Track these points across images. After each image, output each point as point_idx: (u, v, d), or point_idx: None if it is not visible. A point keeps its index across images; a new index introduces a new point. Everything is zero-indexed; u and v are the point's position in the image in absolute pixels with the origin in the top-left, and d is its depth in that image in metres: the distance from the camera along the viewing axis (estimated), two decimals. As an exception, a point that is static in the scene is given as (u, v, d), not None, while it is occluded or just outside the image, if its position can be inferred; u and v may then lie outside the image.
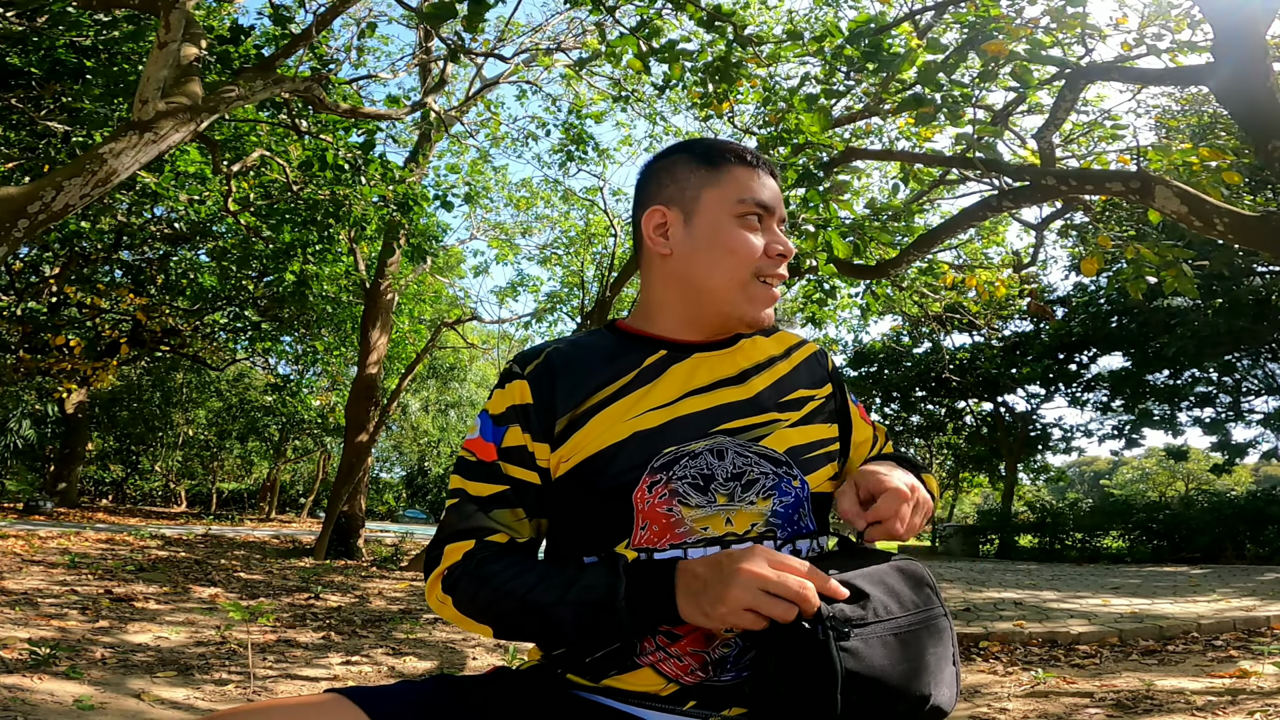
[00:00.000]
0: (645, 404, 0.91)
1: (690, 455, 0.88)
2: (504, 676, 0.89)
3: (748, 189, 0.96)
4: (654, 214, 0.98)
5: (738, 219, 0.95)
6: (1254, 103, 3.22)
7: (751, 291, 0.94)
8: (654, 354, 0.96)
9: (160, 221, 11.46)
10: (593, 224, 14.14)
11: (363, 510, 11.65)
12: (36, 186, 4.13)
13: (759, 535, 0.87)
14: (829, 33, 4.78)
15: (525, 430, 0.92)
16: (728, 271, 0.94)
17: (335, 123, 7.54)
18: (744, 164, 0.97)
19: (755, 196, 0.95)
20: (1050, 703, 3.18)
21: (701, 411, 0.91)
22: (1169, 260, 4.22)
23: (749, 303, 0.94)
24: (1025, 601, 6.64)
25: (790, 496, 0.90)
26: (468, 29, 3.84)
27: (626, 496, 0.87)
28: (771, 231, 0.96)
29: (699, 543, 0.86)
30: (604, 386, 0.93)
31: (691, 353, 0.96)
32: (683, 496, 0.87)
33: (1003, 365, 18.88)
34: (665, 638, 0.83)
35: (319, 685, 3.28)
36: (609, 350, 0.97)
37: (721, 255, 0.94)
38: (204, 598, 5.66)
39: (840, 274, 6.16)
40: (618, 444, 0.89)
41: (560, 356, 0.96)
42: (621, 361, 0.95)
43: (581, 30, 10.62)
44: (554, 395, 0.93)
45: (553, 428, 0.92)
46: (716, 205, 0.95)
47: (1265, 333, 14.36)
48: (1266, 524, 13.32)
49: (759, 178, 0.97)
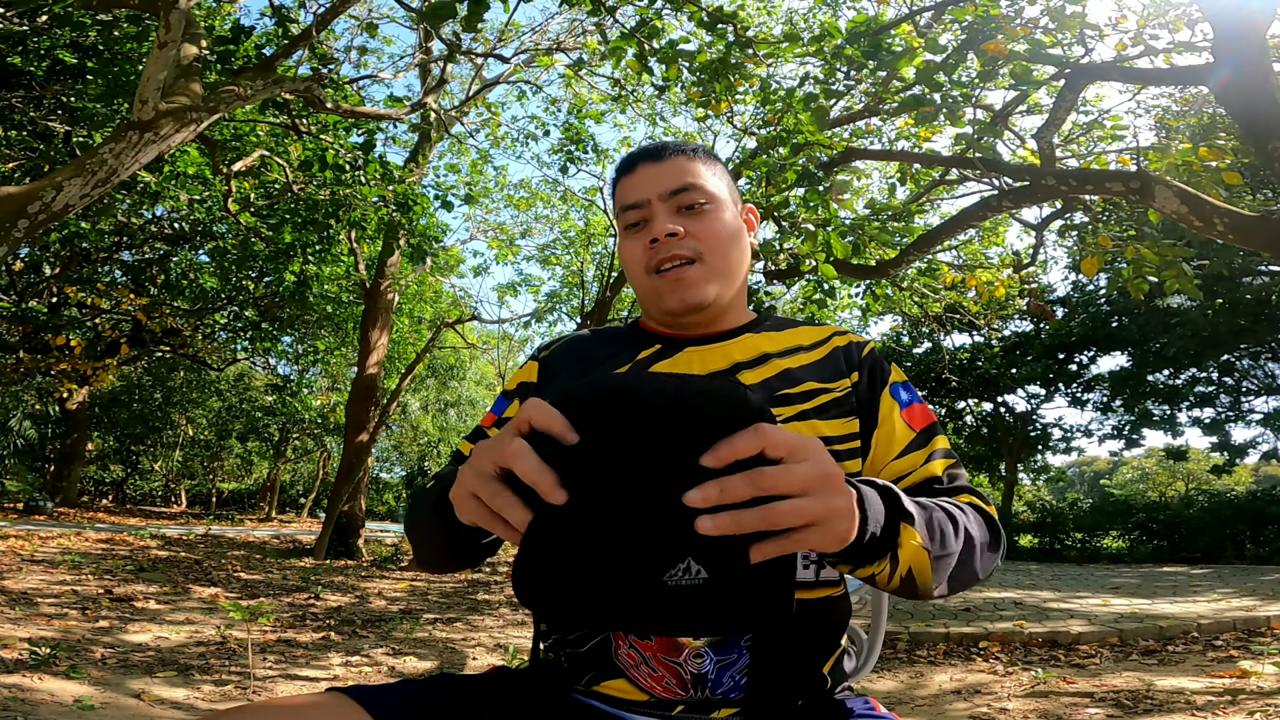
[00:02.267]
0: None
1: None
2: (503, 676, 0.88)
3: (621, 199, 0.99)
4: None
5: (623, 232, 1.00)
6: (1254, 103, 3.22)
7: (654, 285, 0.95)
8: (649, 348, 0.97)
9: (160, 221, 11.46)
10: (592, 224, 14.14)
11: (363, 510, 11.66)
12: (37, 186, 4.14)
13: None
14: (828, 33, 4.78)
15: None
16: (632, 280, 1.00)
17: (335, 123, 7.54)
18: (623, 174, 1.01)
19: (624, 201, 0.98)
20: (1050, 703, 3.18)
21: None
22: (1169, 260, 4.22)
23: (657, 297, 0.96)
24: (1025, 601, 6.64)
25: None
26: (467, 29, 3.84)
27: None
28: (652, 221, 0.96)
29: None
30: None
31: (683, 347, 0.96)
32: None
33: (1003, 365, 18.88)
34: (636, 637, 0.81)
35: (319, 685, 3.28)
36: (620, 343, 1.00)
37: (625, 268, 1.00)
38: (204, 598, 5.66)
39: (840, 274, 6.16)
40: None
41: (577, 344, 1.00)
42: (624, 355, 0.97)
43: (581, 31, 10.63)
44: (558, 379, 0.96)
45: None
46: (619, 224, 1.01)
47: (1265, 332, 14.36)
48: (1266, 524, 13.31)
49: (634, 177, 0.98)
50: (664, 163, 0.97)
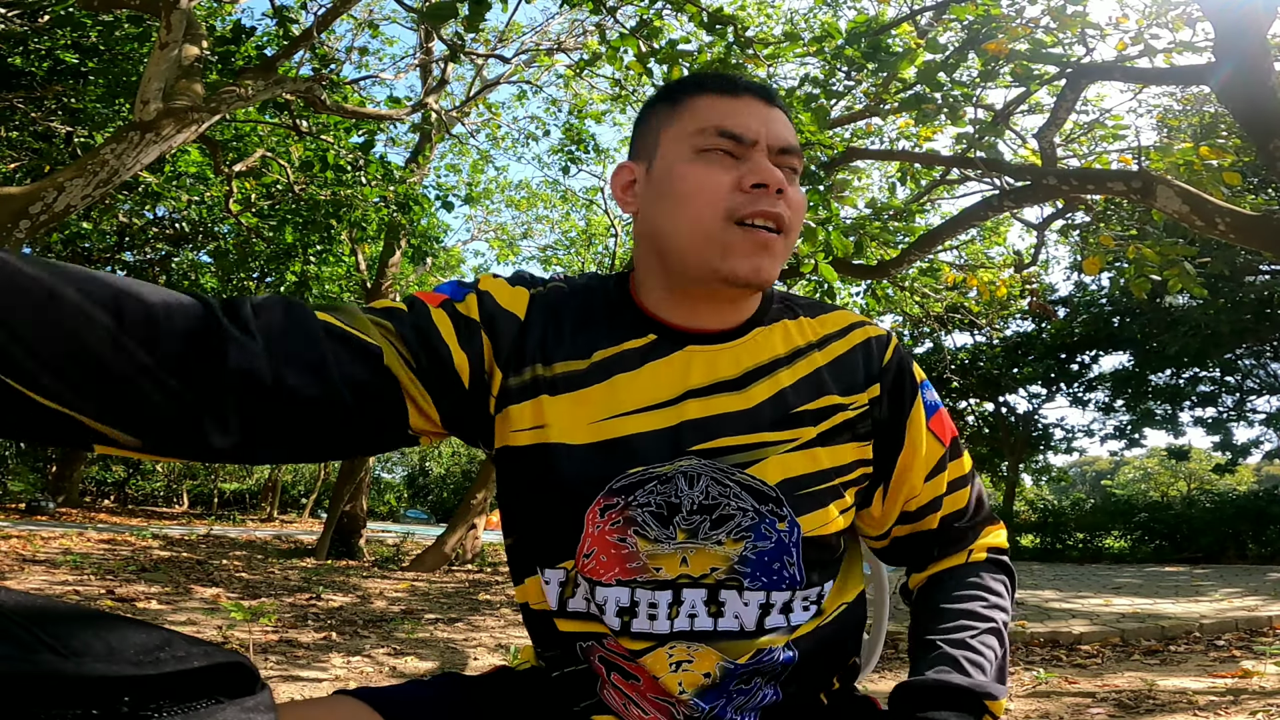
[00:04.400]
0: (615, 403, 0.74)
1: (660, 479, 0.72)
2: (507, 677, 0.83)
3: (709, 117, 0.76)
4: (621, 171, 0.83)
5: (695, 154, 0.75)
6: (1255, 102, 3.22)
7: (725, 239, 0.73)
8: (641, 337, 0.77)
9: (162, 222, 11.47)
10: (593, 224, 14.15)
11: (364, 510, 11.66)
12: (38, 187, 4.14)
13: (717, 582, 0.72)
14: (829, 34, 4.78)
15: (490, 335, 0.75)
16: (688, 219, 0.74)
17: (336, 123, 7.55)
18: (711, 91, 0.77)
19: (719, 124, 0.75)
20: (1052, 703, 3.17)
21: (681, 424, 0.74)
22: (1171, 259, 4.22)
23: (722, 254, 0.73)
24: (1027, 601, 6.63)
25: (770, 541, 0.73)
26: (468, 29, 3.84)
27: (578, 512, 0.73)
28: (756, 164, 0.74)
29: (648, 584, 0.72)
30: (580, 356, 0.76)
31: (683, 344, 0.77)
32: (641, 527, 0.72)
33: (1004, 365, 18.87)
34: (620, 676, 0.74)
35: (320, 685, 3.28)
36: (604, 316, 0.79)
37: (678, 203, 0.74)
38: (206, 598, 5.66)
39: (841, 274, 6.16)
40: (577, 446, 0.73)
41: (558, 300, 0.80)
42: (610, 332, 0.78)
43: (582, 31, 10.63)
44: (543, 334, 0.77)
45: (519, 364, 0.75)
46: (673, 144, 0.77)
47: (1267, 332, 14.35)
48: (1268, 524, 13.29)
49: (739, 104, 0.76)
50: (774, 109, 0.78)
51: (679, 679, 0.72)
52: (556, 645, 0.78)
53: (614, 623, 0.72)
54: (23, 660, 0.30)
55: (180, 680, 0.34)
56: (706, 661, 0.72)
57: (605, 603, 0.72)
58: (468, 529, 10.30)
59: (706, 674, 0.72)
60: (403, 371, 0.70)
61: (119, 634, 0.34)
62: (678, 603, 0.72)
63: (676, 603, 0.72)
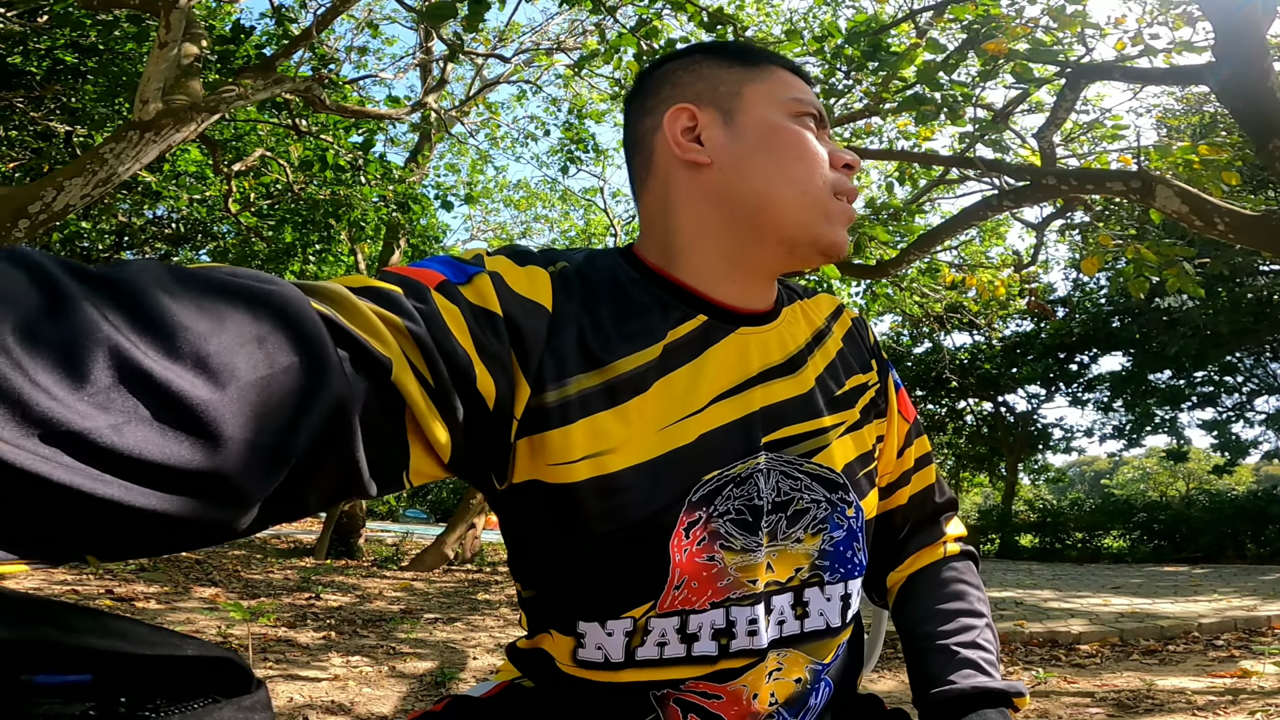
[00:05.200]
0: (684, 401, 0.64)
1: (735, 481, 0.65)
2: (517, 696, 0.75)
3: (795, 90, 0.71)
4: (679, 114, 0.70)
5: (794, 118, 0.70)
6: (1254, 102, 3.22)
7: (830, 209, 0.68)
8: (689, 320, 0.67)
9: (161, 221, 11.46)
10: (592, 224, 14.15)
11: (363, 510, 11.66)
12: (37, 186, 4.14)
13: (802, 583, 0.68)
14: (829, 33, 4.78)
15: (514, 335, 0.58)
16: (799, 181, 0.67)
17: (335, 123, 7.55)
18: (786, 68, 0.73)
19: (806, 99, 0.71)
20: (1051, 702, 3.17)
21: (751, 415, 0.66)
22: (1170, 259, 4.22)
23: (828, 222, 0.68)
24: (1025, 601, 6.63)
25: (843, 530, 0.70)
26: (468, 29, 3.84)
27: (662, 545, 0.62)
28: (830, 143, 0.72)
29: (744, 599, 0.64)
30: (638, 349, 0.64)
31: (736, 325, 0.69)
32: (726, 539, 0.64)
33: (1003, 365, 18.88)
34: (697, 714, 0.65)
35: (320, 685, 3.28)
36: (626, 294, 0.67)
37: (786, 160, 0.68)
38: (204, 597, 5.66)
39: (840, 274, 6.16)
40: (647, 463, 0.62)
41: (583, 278, 0.66)
42: (645, 320, 0.65)
43: (582, 31, 10.63)
44: (581, 329, 0.62)
45: (558, 374, 0.60)
46: (764, 102, 0.70)
47: (1267, 332, 14.36)
48: (1267, 524, 13.30)
49: (807, 87, 0.74)
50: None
51: (771, 688, 0.67)
52: (603, 702, 0.66)
53: (710, 647, 0.64)
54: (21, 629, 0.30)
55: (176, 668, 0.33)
56: (797, 667, 0.68)
57: (700, 630, 0.64)
58: (467, 528, 10.30)
59: (798, 679, 0.69)
60: (414, 389, 0.50)
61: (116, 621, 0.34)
62: (769, 611, 0.67)
63: (768, 610, 0.67)
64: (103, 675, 0.31)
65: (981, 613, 0.78)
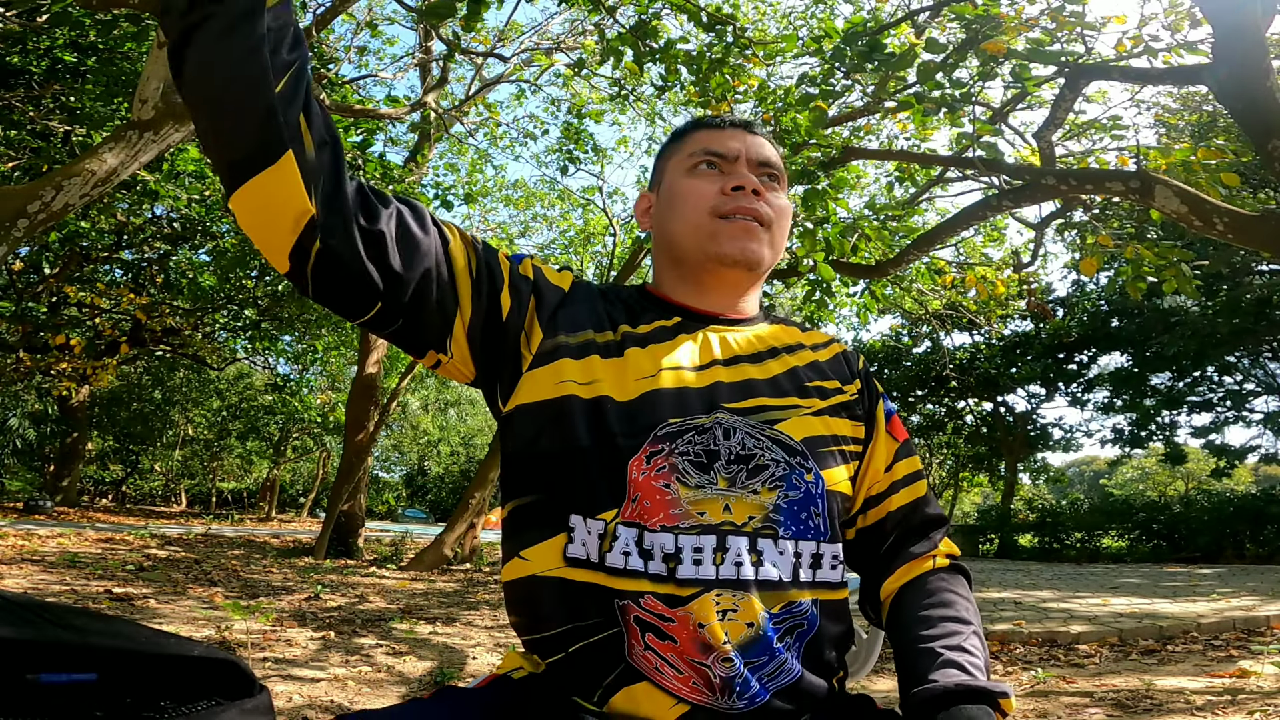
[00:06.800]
0: (655, 365, 0.86)
1: (697, 429, 0.81)
2: (506, 686, 0.82)
3: (700, 143, 0.97)
4: (641, 200, 1.06)
5: (687, 171, 0.96)
6: (1254, 102, 3.22)
7: (712, 229, 0.92)
8: (670, 317, 0.93)
9: (160, 221, 11.45)
10: (591, 224, 14.14)
11: (363, 509, 11.66)
12: (36, 186, 4.14)
13: (755, 530, 0.78)
14: (827, 33, 4.78)
15: (537, 296, 0.88)
16: (683, 218, 0.94)
17: (335, 122, 7.55)
18: (704, 127, 0.99)
19: (705, 147, 0.96)
20: (1050, 702, 3.17)
21: (713, 385, 0.85)
22: (1168, 261, 4.22)
23: (712, 239, 0.92)
24: (1024, 601, 6.64)
25: (800, 491, 0.81)
26: (467, 28, 3.84)
27: (622, 463, 0.79)
28: (731, 172, 0.95)
29: (693, 529, 0.76)
30: (629, 325, 0.90)
31: (706, 324, 0.93)
32: (682, 474, 0.78)
33: (1002, 365, 18.89)
34: (656, 636, 0.74)
35: (319, 685, 3.28)
36: (633, 301, 0.96)
37: (675, 205, 0.96)
38: (203, 597, 5.65)
39: (839, 274, 6.16)
40: (624, 401, 0.82)
41: (592, 292, 0.95)
42: (642, 315, 0.92)
43: (581, 31, 10.62)
44: (593, 307, 0.91)
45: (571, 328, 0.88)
46: (674, 169, 0.99)
47: (1266, 332, 14.37)
48: (1266, 524, 13.32)
49: (724, 134, 0.97)
50: (757, 136, 0.99)
51: (725, 628, 0.74)
52: (579, 609, 0.77)
53: (660, 568, 0.75)
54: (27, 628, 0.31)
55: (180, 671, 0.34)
56: (750, 610, 0.75)
57: (652, 548, 0.76)
58: (466, 528, 10.30)
59: (750, 623, 0.75)
60: (462, 261, 0.84)
61: (120, 623, 0.35)
62: (722, 549, 0.76)
63: (721, 549, 0.76)
64: (108, 676, 0.33)
65: (968, 620, 0.83)
